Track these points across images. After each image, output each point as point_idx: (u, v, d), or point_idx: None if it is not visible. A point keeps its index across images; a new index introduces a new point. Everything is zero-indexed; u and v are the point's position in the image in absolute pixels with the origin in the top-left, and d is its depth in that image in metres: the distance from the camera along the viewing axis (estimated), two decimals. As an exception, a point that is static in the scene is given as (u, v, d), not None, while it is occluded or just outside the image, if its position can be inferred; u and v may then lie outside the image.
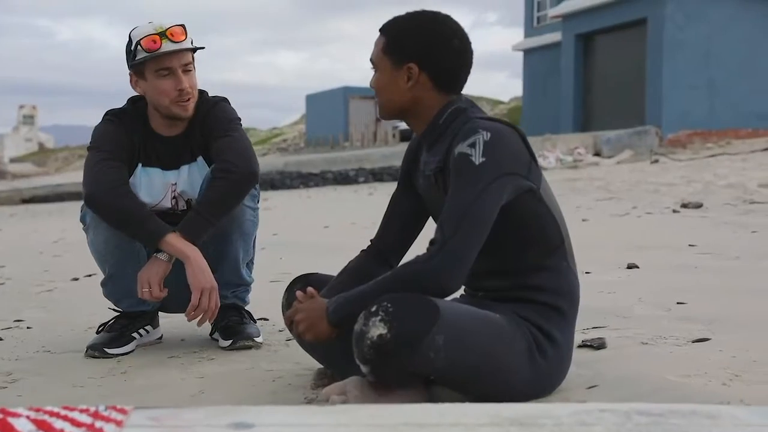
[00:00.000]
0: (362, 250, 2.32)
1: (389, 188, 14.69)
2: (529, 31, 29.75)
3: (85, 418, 1.37)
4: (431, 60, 2.05)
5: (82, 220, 2.81)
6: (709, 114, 21.74)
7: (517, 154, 1.99)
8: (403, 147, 18.59)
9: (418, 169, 2.20)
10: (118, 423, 1.34)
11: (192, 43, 2.74)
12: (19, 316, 3.63)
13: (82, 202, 2.75)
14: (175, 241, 2.59)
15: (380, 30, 2.13)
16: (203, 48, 2.77)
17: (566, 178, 13.32)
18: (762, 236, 5.76)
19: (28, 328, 3.37)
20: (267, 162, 23.32)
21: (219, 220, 2.67)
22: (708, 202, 8.26)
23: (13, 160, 69.42)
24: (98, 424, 1.34)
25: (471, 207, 1.90)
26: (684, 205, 7.96)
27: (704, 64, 21.97)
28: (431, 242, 1.93)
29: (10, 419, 1.37)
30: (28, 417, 1.38)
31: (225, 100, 2.88)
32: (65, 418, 1.37)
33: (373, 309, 1.83)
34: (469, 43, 2.10)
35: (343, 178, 18.95)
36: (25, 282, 4.84)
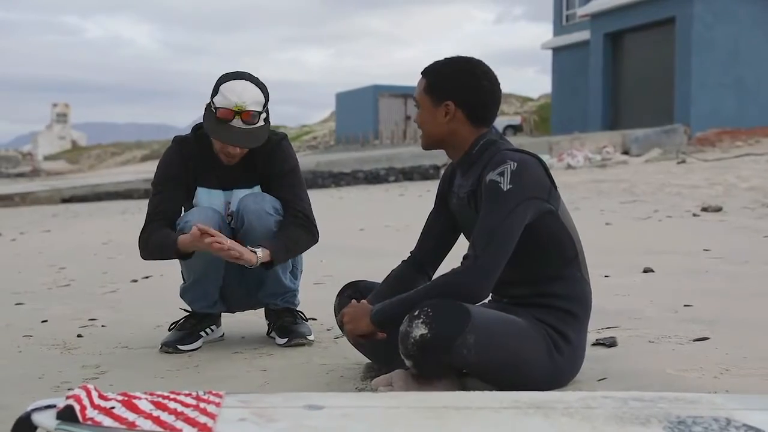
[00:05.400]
0: (403, 261, 2.66)
1: (419, 188, 15.02)
2: (558, 29, 29.86)
3: (190, 400, 1.73)
4: (465, 98, 2.40)
5: None
6: (738, 112, 21.74)
7: (539, 181, 2.33)
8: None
9: (453, 191, 2.55)
10: (217, 404, 1.71)
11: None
12: (91, 315, 4.02)
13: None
14: (185, 238, 2.95)
15: (422, 73, 2.48)
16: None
17: (593, 179, 13.45)
18: (773, 241, 6.01)
19: (102, 326, 3.76)
20: (299, 161, 23.67)
21: (293, 257, 3.19)
22: (728, 206, 8.42)
23: (47, 158, 70.38)
24: (202, 404, 1.70)
25: (499, 227, 2.24)
26: (704, 209, 8.12)
27: (732, 63, 22.01)
28: (465, 257, 2.27)
29: (134, 401, 1.75)
30: (146, 399, 1.76)
31: (285, 137, 3.27)
32: (175, 400, 1.73)
33: (416, 313, 2.17)
34: (498, 84, 2.45)
35: (373, 178, 19.26)
36: (88, 283, 5.23)
